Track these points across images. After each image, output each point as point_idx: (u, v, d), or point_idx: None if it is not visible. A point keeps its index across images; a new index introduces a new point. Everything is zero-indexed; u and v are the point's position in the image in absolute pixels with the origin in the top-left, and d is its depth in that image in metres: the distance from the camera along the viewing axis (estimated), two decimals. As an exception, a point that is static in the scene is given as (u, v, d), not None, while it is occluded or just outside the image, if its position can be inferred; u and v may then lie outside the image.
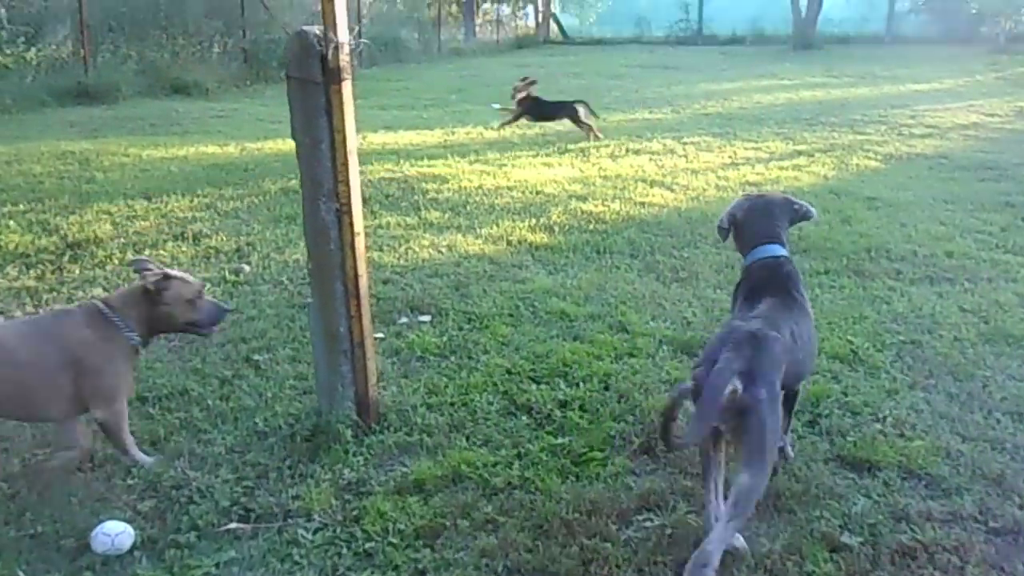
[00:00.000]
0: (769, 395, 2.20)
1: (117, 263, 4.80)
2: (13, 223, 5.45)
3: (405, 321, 3.96)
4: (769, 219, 2.80)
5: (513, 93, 9.06)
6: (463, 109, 11.09)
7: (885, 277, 4.52)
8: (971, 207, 5.95)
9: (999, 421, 3.04)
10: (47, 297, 4.29)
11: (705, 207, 5.94)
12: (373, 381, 3.01)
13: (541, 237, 5.24)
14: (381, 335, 3.78)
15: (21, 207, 5.81)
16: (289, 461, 2.84)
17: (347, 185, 2.78)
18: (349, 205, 2.80)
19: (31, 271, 4.67)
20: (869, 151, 8.11)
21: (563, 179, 6.81)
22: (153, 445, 2.95)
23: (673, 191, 6.49)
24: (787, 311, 2.56)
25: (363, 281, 2.89)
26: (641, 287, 4.38)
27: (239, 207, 5.94)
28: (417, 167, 7.24)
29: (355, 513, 2.57)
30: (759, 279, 2.70)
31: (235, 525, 2.50)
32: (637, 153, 7.95)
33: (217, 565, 2.34)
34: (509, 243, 5.12)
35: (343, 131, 2.71)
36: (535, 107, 8.95)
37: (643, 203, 6.08)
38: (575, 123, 8.70)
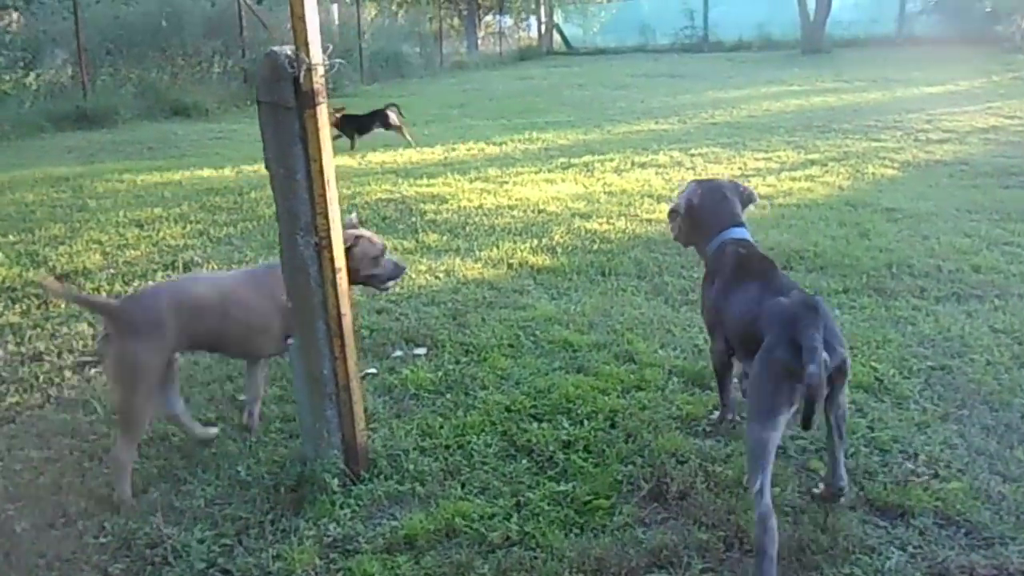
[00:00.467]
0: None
1: (105, 295, 4.62)
2: (1, 255, 5.30)
3: (400, 355, 3.75)
4: (727, 203, 2.84)
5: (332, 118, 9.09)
6: (465, 124, 10.93)
7: (909, 295, 4.27)
8: (996, 217, 5.67)
9: (1042, 457, 2.80)
10: (30, 333, 4.11)
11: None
12: (361, 426, 2.79)
13: (543, 259, 5.02)
14: (374, 370, 3.57)
15: (11, 238, 5.67)
16: (272, 515, 2.63)
17: (326, 218, 2.58)
18: (329, 239, 2.60)
19: (16, 305, 4.50)
20: (885, 158, 7.86)
21: (566, 196, 6.59)
22: (132, 499, 2.75)
23: (681, 206, 6.25)
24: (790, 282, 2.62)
25: (347, 320, 2.69)
26: (648, 311, 4.15)
27: (232, 233, 5.76)
28: (416, 187, 7.05)
29: (340, 575, 2.36)
30: (742, 259, 2.70)
31: (208, 594, 2.30)
32: (643, 167, 7.73)
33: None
34: (510, 266, 4.91)
35: (319, 160, 2.52)
36: (352, 122, 9.02)
37: (650, 220, 5.85)
38: (388, 128, 8.90)
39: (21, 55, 11.14)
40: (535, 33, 27.96)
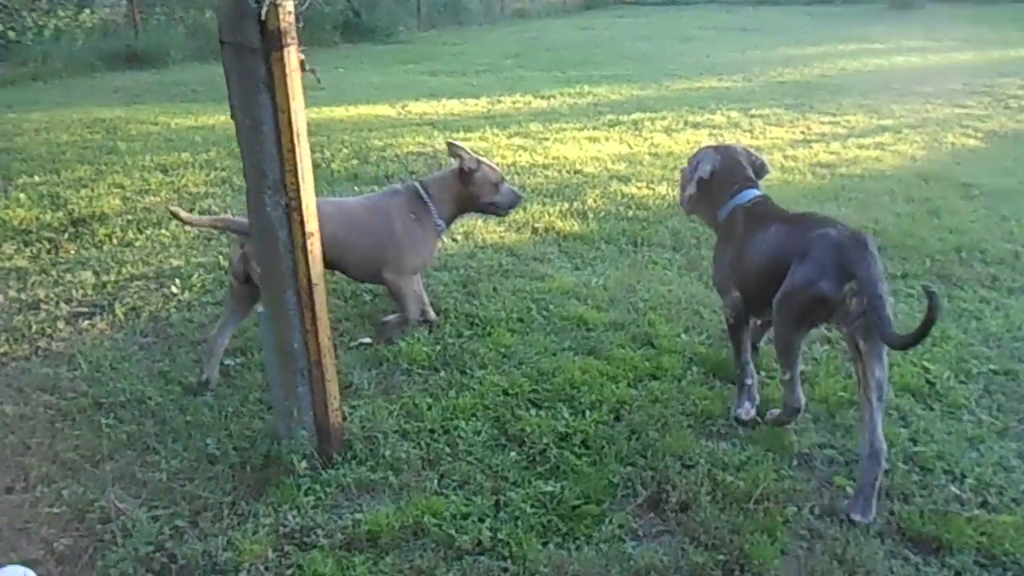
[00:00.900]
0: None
1: (116, 242, 4.50)
2: (24, 196, 5.23)
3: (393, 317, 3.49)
4: (742, 168, 2.80)
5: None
6: (516, 75, 10.45)
7: (977, 285, 3.78)
8: (1089, 198, 5.04)
9: (1117, 491, 2.37)
10: (34, 279, 4.01)
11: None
12: (335, 405, 2.56)
13: (571, 224, 4.66)
14: (368, 340, 3.33)
15: (36, 178, 5.60)
16: (232, 496, 2.45)
17: (296, 175, 2.30)
18: (299, 200, 2.32)
19: (28, 249, 4.42)
20: (968, 127, 7.12)
21: (607, 156, 6.16)
22: (95, 466, 2.60)
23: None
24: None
25: (319, 291, 2.43)
26: (678, 289, 3.78)
27: (255, 182, 5.56)
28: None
29: (290, 572, 2.15)
30: (763, 210, 2.66)
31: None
32: (696, 127, 7.20)
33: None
34: (534, 231, 4.57)
35: (287, 110, 2.23)
36: None
37: (695, 185, 5.40)
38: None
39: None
40: (603, -19, 26.78)
